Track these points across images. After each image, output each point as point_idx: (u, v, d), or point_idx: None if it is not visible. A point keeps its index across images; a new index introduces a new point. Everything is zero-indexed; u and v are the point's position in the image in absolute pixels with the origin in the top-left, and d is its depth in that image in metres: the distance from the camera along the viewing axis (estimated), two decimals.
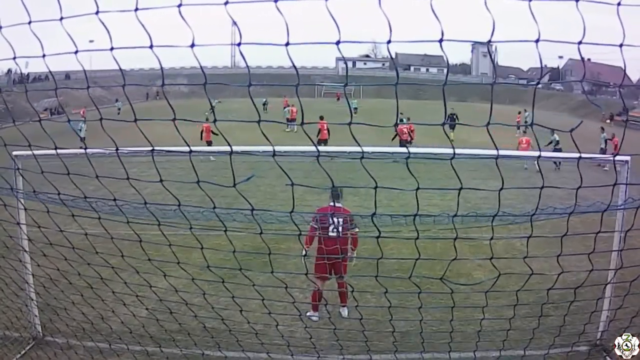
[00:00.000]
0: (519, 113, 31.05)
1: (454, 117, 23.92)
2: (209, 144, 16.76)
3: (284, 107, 29.33)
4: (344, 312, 6.46)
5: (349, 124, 2.05)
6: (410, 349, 5.34)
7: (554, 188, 2.41)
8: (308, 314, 6.30)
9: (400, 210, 9.32)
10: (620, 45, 1.83)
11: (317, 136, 18.69)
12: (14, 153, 5.25)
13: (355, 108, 35.65)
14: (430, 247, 7.28)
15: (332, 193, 6.34)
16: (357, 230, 6.28)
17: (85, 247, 3.79)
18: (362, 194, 11.23)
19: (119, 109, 35.87)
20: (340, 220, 6.21)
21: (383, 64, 72.78)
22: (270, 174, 13.76)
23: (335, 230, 6.22)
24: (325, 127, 18.20)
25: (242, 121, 2.21)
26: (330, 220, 6.18)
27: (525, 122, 28.74)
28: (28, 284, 5.48)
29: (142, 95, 50.23)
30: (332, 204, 6.36)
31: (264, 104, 36.55)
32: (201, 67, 2.05)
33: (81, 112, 29.12)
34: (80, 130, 19.89)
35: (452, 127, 21.98)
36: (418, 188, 2.26)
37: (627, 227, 3.55)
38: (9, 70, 43.62)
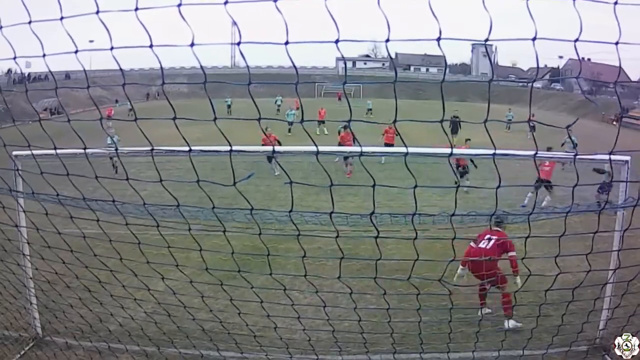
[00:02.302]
0: (533, 115, 29.99)
1: (457, 120, 21.03)
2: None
3: (291, 110, 26.76)
4: (506, 324, 6.26)
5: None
6: (409, 350, 5.34)
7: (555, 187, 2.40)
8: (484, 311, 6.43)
9: (399, 211, 9.27)
10: (616, 44, 1.83)
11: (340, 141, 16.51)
12: (14, 153, 5.24)
13: (370, 109, 35.57)
14: (430, 248, 7.26)
15: (494, 219, 6.66)
16: (513, 254, 6.27)
17: (84, 249, 3.78)
18: (362, 194, 11.24)
19: (130, 109, 34.62)
20: (492, 240, 6.45)
21: (383, 64, 72.63)
22: (271, 174, 13.80)
23: (484, 242, 6.47)
24: (350, 138, 16.42)
25: (251, 119, 2.20)
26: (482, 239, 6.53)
27: (509, 120, 28.32)
28: (27, 287, 5.46)
29: (143, 96, 50.12)
30: (494, 228, 6.64)
31: (277, 105, 36.06)
32: (201, 66, 2.05)
33: (107, 112, 26.82)
34: (117, 141, 18.15)
35: (455, 132, 20.46)
36: (416, 186, 2.26)
37: (627, 226, 3.54)
38: (9, 70, 43.57)
